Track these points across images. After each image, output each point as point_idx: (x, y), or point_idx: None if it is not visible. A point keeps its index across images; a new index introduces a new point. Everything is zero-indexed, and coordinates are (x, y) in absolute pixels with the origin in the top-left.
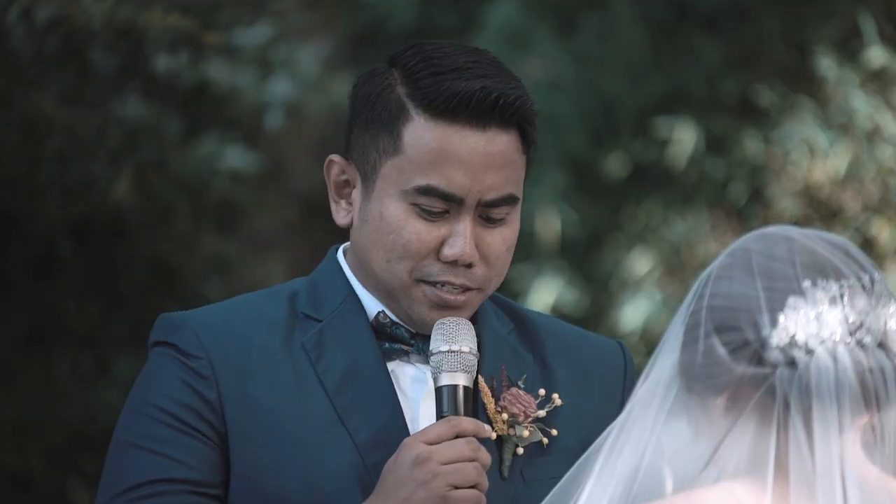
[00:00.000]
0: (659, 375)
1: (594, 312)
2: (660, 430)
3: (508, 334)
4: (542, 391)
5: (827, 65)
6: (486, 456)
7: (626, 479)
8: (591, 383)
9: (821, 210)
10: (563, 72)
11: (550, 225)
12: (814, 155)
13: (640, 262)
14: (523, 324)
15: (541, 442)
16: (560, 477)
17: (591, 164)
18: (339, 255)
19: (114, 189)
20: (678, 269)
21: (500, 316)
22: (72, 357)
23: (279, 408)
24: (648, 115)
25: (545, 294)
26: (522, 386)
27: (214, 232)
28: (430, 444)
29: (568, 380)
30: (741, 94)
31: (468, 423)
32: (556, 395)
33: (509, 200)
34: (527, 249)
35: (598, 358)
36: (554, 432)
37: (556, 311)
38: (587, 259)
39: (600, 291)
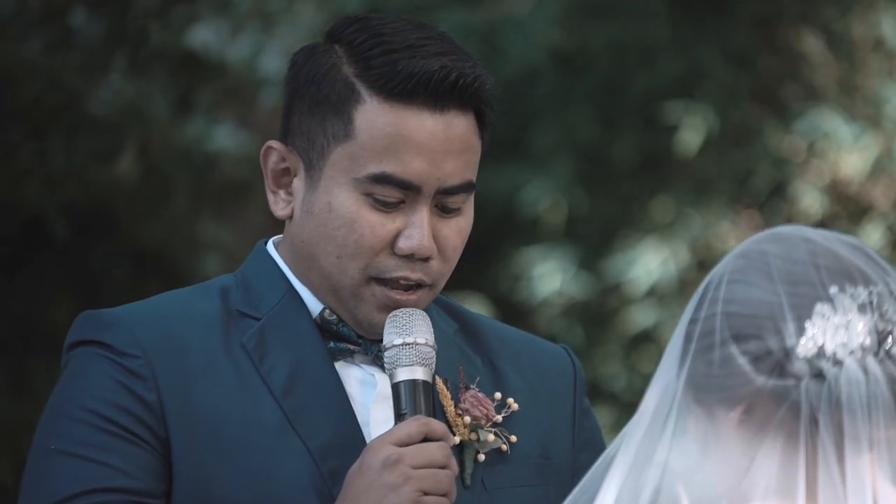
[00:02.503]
0: (665, 386)
1: (605, 311)
2: (667, 446)
3: (454, 335)
4: (497, 394)
5: (852, 51)
6: (455, 464)
7: (629, 498)
8: (542, 389)
9: (849, 207)
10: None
11: (557, 208)
12: (840, 147)
13: (653, 259)
14: (468, 325)
15: (500, 448)
16: (522, 485)
17: (600, 150)
18: (271, 248)
19: (114, 165)
20: (694, 268)
21: (444, 316)
22: (46, 363)
23: (225, 411)
24: (659, 98)
25: (551, 279)
26: (477, 389)
27: (213, 217)
28: (399, 445)
29: (520, 384)
30: (762, 81)
31: (437, 424)
32: (511, 400)
33: (468, 188)
34: (531, 233)
35: (548, 363)
36: (513, 438)
37: (563, 297)
38: (597, 253)
39: (609, 289)
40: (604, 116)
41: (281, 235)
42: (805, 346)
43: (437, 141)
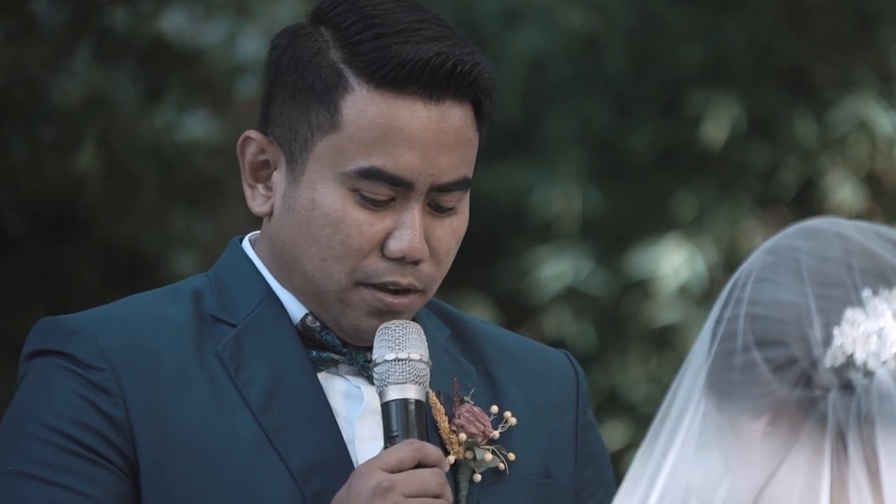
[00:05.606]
0: (687, 394)
1: (622, 313)
2: (690, 459)
3: (446, 342)
4: (494, 408)
5: (891, 33)
6: (450, 493)
7: None
8: (542, 400)
9: (885, 203)
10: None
11: (570, 205)
12: (876, 138)
13: (675, 258)
14: (461, 330)
15: (497, 467)
16: None
17: (616, 143)
18: (247, 247)
19: (73, 159)
20: (719, 267)
21: (435, 321)
22: (12, 375)
23: (198, 428)
24: (681, 86)
25: (563, 279)
26: (472, 402)
27: (186, 212)
28: (391, 471)
29: (518, 395)
30: (791, 66)
31: (432, 448)
32: (508, 413)
33: (463, 185)
34: (542, 230)
35: (547, 371)
36: (511, 456)
37: (576, 295)
38: (614, 251)
39: (626, 289)
40: (620, 105)
41: (257, 232)
42: (833, 356)
43: (431, 133)
